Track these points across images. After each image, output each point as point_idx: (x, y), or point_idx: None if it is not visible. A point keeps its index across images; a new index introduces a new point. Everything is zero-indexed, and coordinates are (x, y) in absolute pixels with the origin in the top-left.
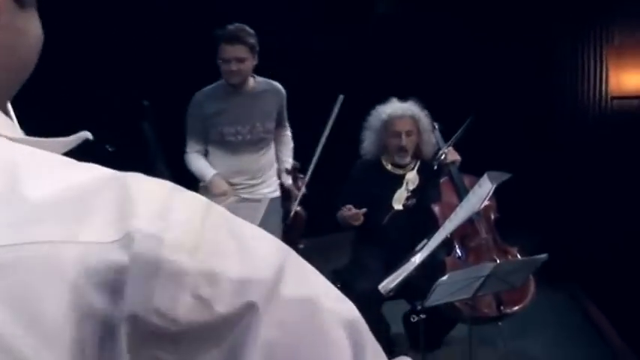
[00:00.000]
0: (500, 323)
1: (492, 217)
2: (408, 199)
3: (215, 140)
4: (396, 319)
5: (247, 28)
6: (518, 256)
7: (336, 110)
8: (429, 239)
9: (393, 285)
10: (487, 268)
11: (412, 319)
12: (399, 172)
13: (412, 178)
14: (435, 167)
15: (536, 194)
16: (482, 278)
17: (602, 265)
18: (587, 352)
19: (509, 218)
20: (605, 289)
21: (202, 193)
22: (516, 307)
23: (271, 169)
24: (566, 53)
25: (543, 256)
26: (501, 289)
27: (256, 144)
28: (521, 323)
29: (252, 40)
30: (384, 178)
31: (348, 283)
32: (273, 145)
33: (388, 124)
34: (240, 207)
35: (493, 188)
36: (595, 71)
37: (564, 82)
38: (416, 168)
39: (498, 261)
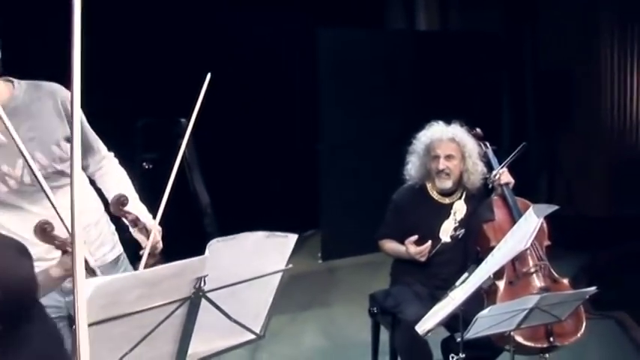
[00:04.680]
0: (547, 355)
1: (544, 243)
2: (455, 229)
3: None
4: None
5: None
6: (570, 288)
7: (202, 92)
8: (470, 272)
9: (431, 326)
10: (531, 300)
11: (452, 359)
12: (446, 201)
13: (460, 207)
14: (489, 186)
15: (584, 218)
16: (526, 311)
17: None
18: None
19: (556, 241)
20: None
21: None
22: (567, 342)
23: (95, 215)
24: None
25: (592, 289)
26: (545, 322)
27: (50, 186)
28: (566, 352)
29: None
30: (430, 206)
31: (392, 309)
32: (84, 179)
33: (430, 148)
34: (267, 244)
35: (539, 223)
36: None
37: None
38: (463, 197)
39: (548, 290)
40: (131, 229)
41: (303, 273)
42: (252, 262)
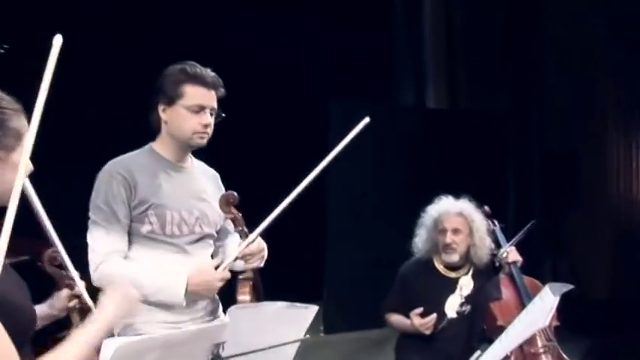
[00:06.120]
0: None
1: (553, 324)
2: (461, 305)
3: (144, 235)
4: None
5: None
6: None
7: (355, 132)
8: (482, 351)
9: None
10: None
11: None
12: (452, 275)
13: (466, 283)
14: (497, 265)
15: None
16: None
17: None
18: None
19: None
20: None
21: None
22: None
23: None
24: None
25: None
26: None
27: (206, 241)
28: None
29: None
30: (436, 280)
31: None
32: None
33: (438, 222)
34: (287, 314)
35: (557, 301)
36: None
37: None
38: (470, 273)
39: None
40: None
41: (304, 346)
42: (270, 330)
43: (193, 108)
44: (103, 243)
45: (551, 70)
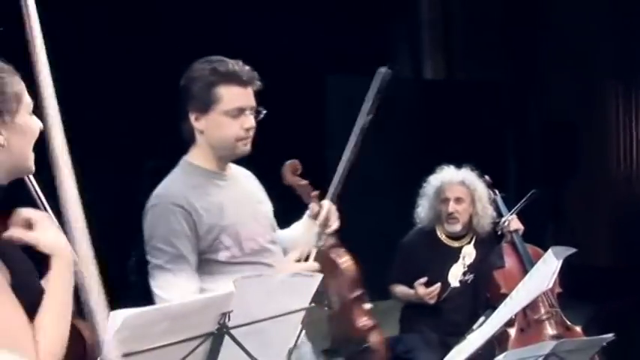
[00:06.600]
0: None
1: (555, 290)
2: (464, 274)
3: (224, 262)
4: None
5: None
6: (583, 335)
7: (375, 87)
8: (486, 317)
9: None
10: (547, 346)
11: None
12: (455, 244)
13: (469, 252)
14: (499, 233)
15: (589, 268)
16: (542, 357)
17: None
18: None
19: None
20: None
21: None
22: None
23: None
24: None
25: (609, 335)
26: None
27: (277, 244)
28: None
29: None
30: (439, 250)
31: (403, 355)
32: None
33: (440, 191)
34: (293, 283)
35: (559, 264)
36: None
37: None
38: (473, 242)
39: (561, 337)
40: (305, 200)
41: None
42: (276, 300)
43: (232, 112)
44: (171, 290)
45: (550, 39)
